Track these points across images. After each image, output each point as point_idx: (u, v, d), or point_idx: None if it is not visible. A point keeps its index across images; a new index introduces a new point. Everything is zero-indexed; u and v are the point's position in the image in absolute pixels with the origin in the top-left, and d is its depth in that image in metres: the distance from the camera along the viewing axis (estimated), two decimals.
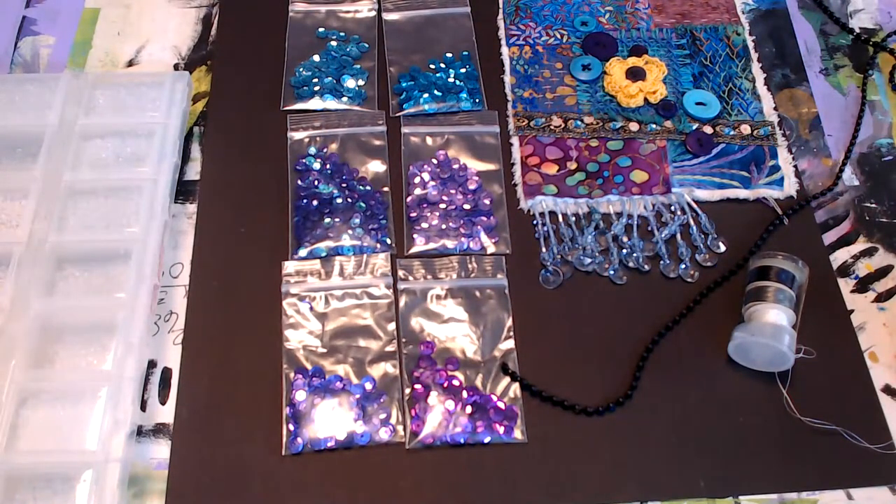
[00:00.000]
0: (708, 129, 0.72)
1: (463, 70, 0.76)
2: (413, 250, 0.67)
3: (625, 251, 0.67)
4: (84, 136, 0.70)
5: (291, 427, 0.59)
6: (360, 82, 0.76)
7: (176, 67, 0.77)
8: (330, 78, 0.75)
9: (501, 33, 0.79)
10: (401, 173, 0.70)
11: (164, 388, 0.61)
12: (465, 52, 0.77)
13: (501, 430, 0.59)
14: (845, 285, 0.66)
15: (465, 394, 0.60)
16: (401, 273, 0.65)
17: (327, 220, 0.68)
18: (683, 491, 0.57)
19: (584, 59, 0.76)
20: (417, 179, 0.70)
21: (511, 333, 0.63)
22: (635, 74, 0.74)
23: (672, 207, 0.69)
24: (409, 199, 0.69)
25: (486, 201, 0.69)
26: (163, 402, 0.61)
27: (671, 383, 0.61)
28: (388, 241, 0.67)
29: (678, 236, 0.67)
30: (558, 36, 0.78)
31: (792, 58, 0.78)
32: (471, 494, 0.57)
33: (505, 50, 0.78)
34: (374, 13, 0.80)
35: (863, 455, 0.58)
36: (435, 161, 0.71)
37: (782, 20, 0.81)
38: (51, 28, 0.80)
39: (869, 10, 0.82)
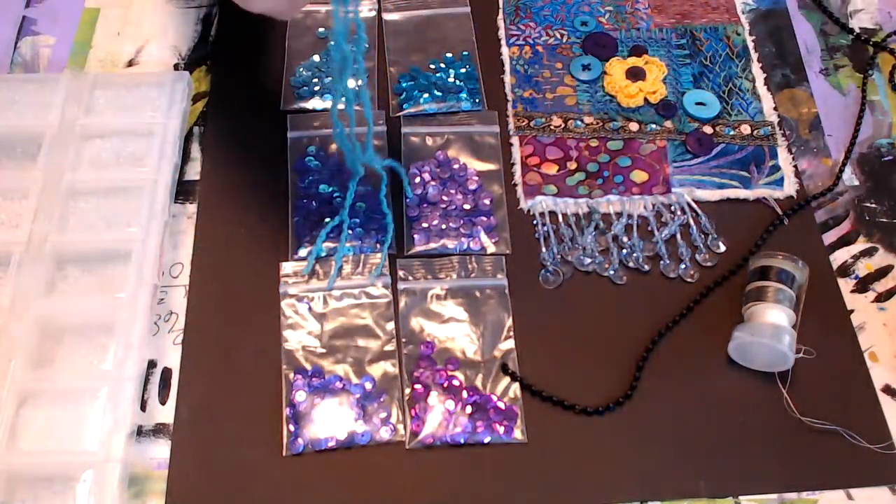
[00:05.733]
0: (708, 129, 0.72)
1: (463, 70, 0.76)
2: (413, 250, 0.67)
3: (625, 251, 0.67)
4: (84, 136, 0.70)
5: (292, 427, 0.59)
6: (360, 82, 0.75)
7: (176, 67, 0.77)
8: (330, 78, 0.75)
9: (501, 33, 0.79)
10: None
11: (164, 388, 0.61)
12: (465, 52, 0.77)
13: (501, 430, 0.59)
14: (845, 285, 0.66)
15: (465, 394, 0.60)
16: (400, 273, 0.65)
17: (327, 219, 0.68)
18: (683, 491, 0.57)
19: (584, 59, 0.76)
20: (417, 179, 0.70)
21: (511, 333, 0.63)
22: (635, 74, 0.74)
23: (672, 207, 0.69)
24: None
25: (486, 201, 0.69)
26: (163, 402, 0.61)
27: (671, 383, 0.61)
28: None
29: (678, 236, 0.67)
30: (558, 36, 0.78)
31: (792, 58, 0.78)
32: (471, 494, 0.57)
33: (505, 50, 0.78)
34: (374, 13, 0.80)
35: (863, 455, 0.58)
36: (435, 161, 0.71)
37: (782, 20, 0.81)
38: (51, 28, 0.80)
39: (869, 10, 0.82)
